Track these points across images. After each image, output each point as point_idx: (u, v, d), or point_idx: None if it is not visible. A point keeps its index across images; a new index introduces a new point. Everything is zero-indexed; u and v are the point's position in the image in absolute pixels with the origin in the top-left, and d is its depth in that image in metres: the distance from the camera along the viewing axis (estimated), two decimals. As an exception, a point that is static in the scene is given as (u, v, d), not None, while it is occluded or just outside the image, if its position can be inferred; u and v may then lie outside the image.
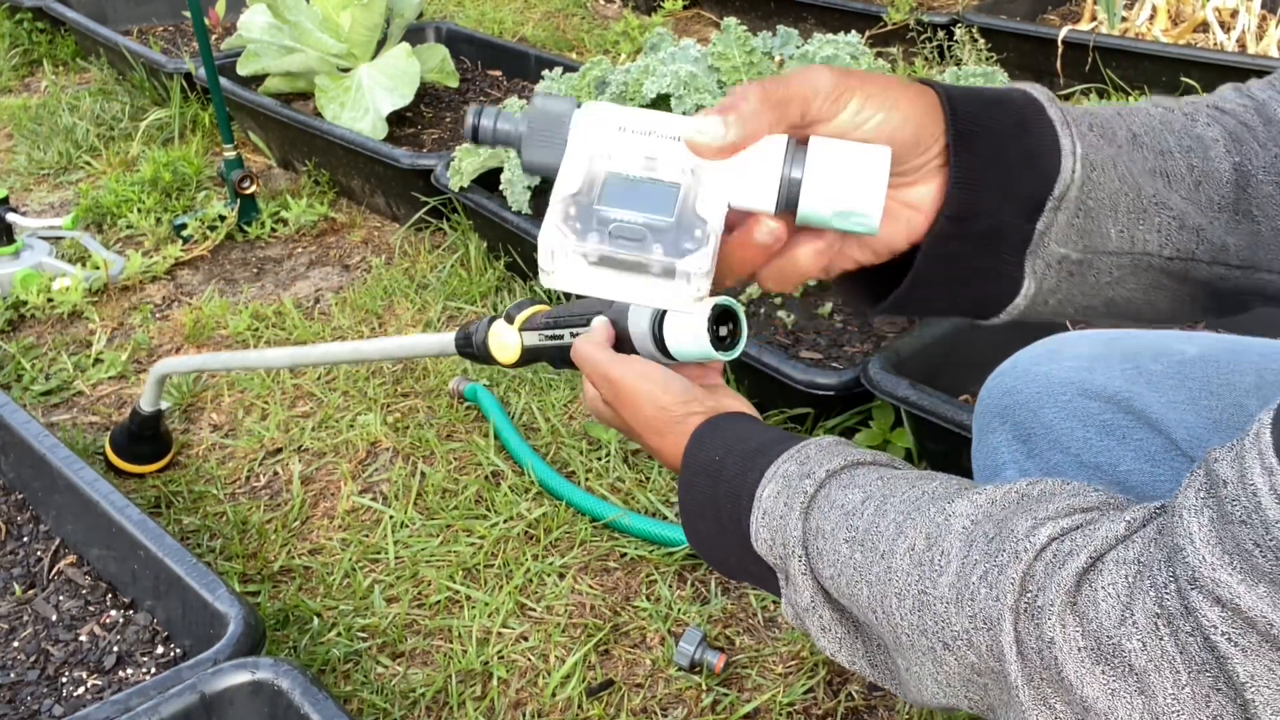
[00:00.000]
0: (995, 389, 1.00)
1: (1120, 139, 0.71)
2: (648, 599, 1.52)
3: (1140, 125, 0.73)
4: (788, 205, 0.66)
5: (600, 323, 0.89)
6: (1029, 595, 0.56)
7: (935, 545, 0.62)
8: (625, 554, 1.59)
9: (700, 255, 0.64)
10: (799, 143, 0.66)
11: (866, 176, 0.64)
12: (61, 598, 1.48)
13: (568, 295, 2.03)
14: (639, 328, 0.85)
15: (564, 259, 0.65)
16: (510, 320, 0.99)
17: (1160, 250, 0.72)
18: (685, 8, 3.94)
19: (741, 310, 0.81)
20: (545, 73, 2.32)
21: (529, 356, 0.97)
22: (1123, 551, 0.55)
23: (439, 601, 1.53)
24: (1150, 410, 0.90)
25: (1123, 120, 0.73)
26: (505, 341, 0.97)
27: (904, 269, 0.72)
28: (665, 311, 0.82)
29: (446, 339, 1.03)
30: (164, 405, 1.74)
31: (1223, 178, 0.73)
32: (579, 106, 0.69)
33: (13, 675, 1.37)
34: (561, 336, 0.93)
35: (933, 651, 0.61)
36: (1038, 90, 0.71)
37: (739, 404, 0.83)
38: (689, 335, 0.81)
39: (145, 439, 1.76)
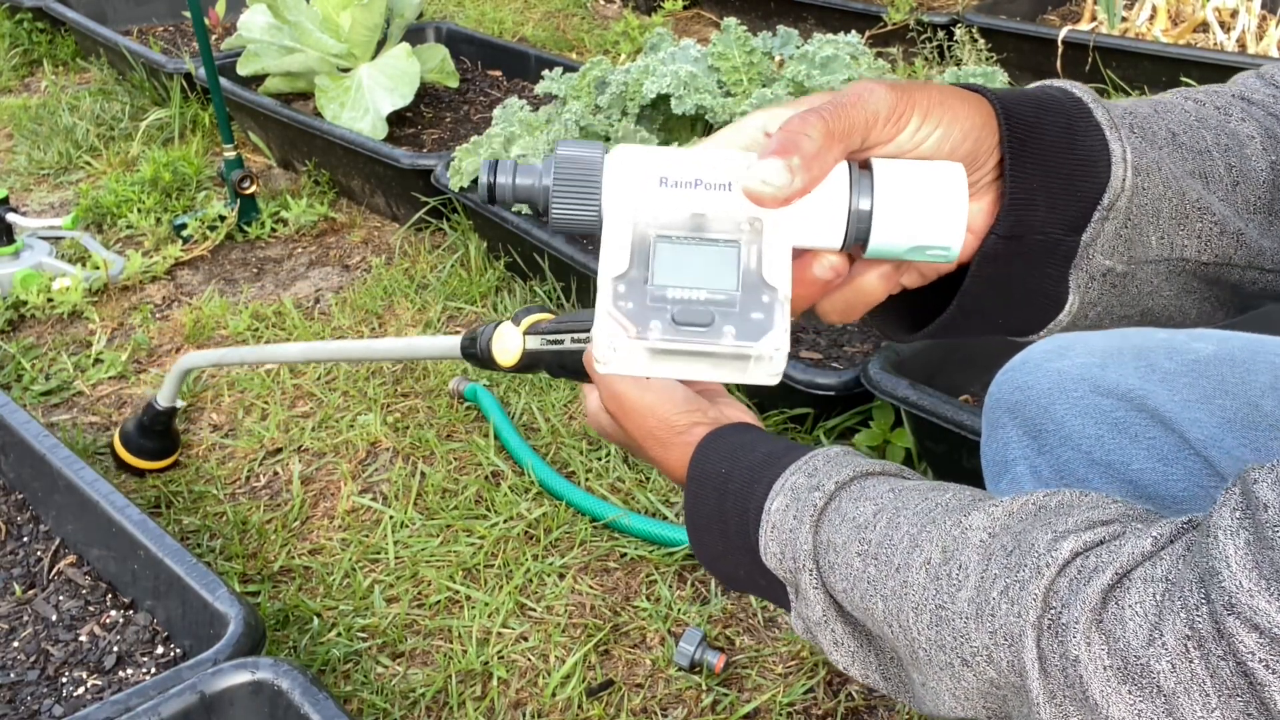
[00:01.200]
0: (1006, 384, 0.98)
1: (1160, 139, 0.68)
2: (648, 599, 1.52)
3: (1177, 123, 0.70)
4: (856, 240, 0.60)
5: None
6: (1053, 611, 0.54)
7: (952, 559, 0.59)
8: (625, 554, 1.59)
9: (775, 333, 0.58)
10: (861, 166, 0.61)
11: (944, 202, 0.59)
12: (61, 598, 1.48)
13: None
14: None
15: (625, 353, 0.59)
16: (516, 323, 0.95)
17: (1198, 256, 0.69)
18: (685, 8, 3.94)
19: None
20: (545, 73, 2.32)
21: (529, 360, 0.94)
22: (1150, 569, 0.53)
23: (439, 601, 1.54)
24: (1163, 408, 0.89)
25: (1160, 118, 0.69)
26: (507, 345, 0.94)
27: (944, 290, 0.68)
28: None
29: (453, 341, 1.01)
30: (179, 404, 1.74)
31: (1259, 177, 0.70)
32: (607, 152, 0.61)
33: (13, 675, 1.37)
34: (562, 341, 0.88)
35: (950, 666, 0.59)
36: (1080, 89, 0.67)
37: (741, 413, 0.77)
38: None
39: (155, 434, 1.76)
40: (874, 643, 0.67)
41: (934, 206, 0.59)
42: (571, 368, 0.86)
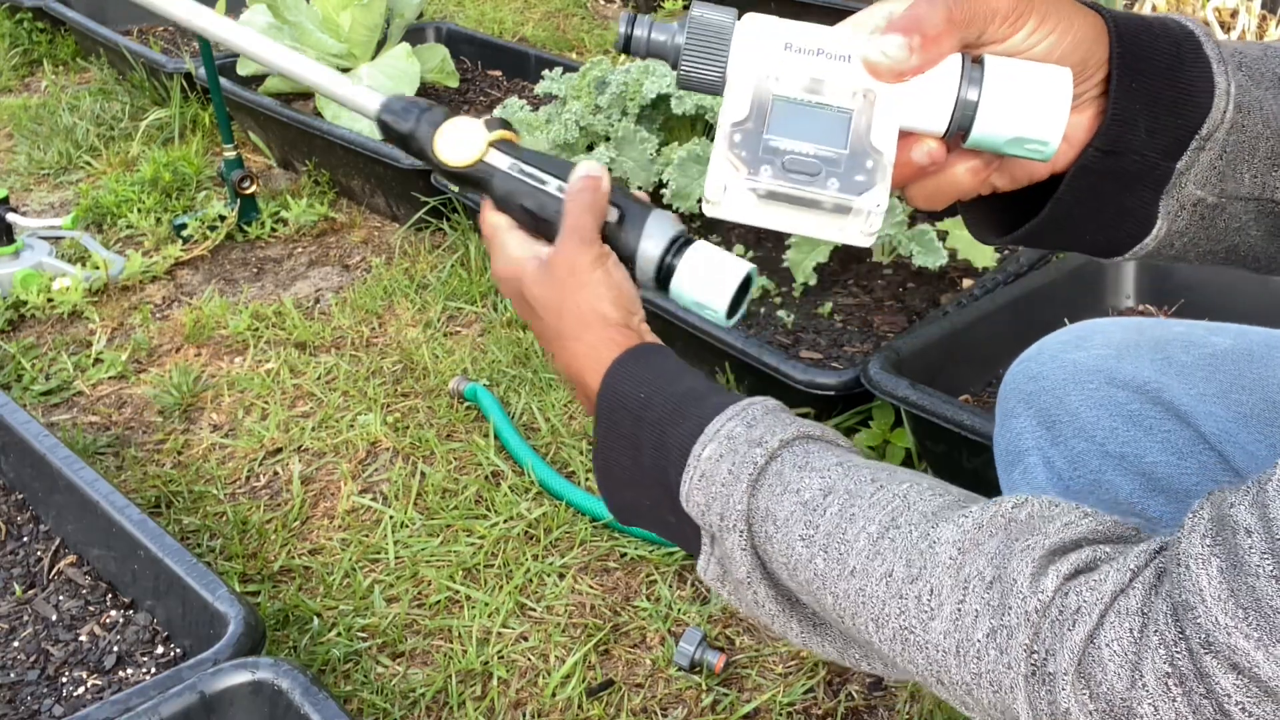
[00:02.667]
0: (1020, 374, 0.98)
1: (1266, 80, 0.68)
2: (648, 599, 1.52)
3: None
4: (959, 128, 0.63)
5: (594, 187, 0.76)
6: (1037, 657, 0.53)
7: (920, 578, 0.58)
8: (625, 554, 1.59)
9: (876, 191, 0.61)
10: (973, 60, 0.63)
11: (1049, 100, 0.61)
12: (61, 598, 1.48)
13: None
14: (647, 250, 0.76)
15: (734, 193, 0.62)
16: (489, 129, 0.83)
17: None
18: (685, 8, 3.94)
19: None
20: (545, 72, 2.32)
21: (479, 175, 0.81)
22: (1125, 601, 0.52)
23: (439, 601, 1.54)
24: (1179, 402, 0.88)
25: (1269, 60, 0.69)
26: (463, 143, 0.81)
27: (1036, 199, 0.69)
28: (687, 242, 0.75)
29: (373, 98, 0.84)
30: None
31: None
32: (739, 18, 0.65)
33: (13, 675, 1.37)
34: (546, 184, 0.78)
35: (922, 677, 0.59)
36: (1193, 23, 0.68)
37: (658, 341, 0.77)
38: (708, 287, 0.74)
39: None
40: (800, 608, 0.67)
41: (1038, 101, 0.61)
42: (535, 213, 0.79)
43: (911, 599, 0.58)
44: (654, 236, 0.76)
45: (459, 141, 0.81)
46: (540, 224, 0.78)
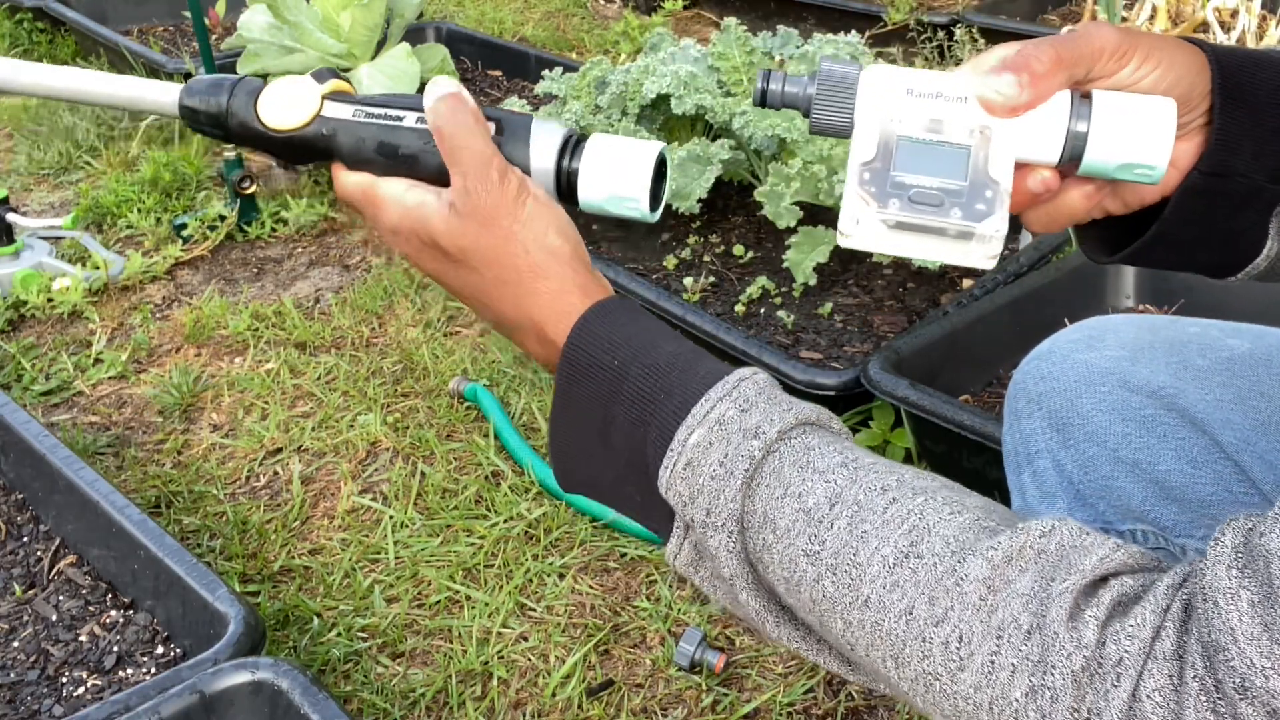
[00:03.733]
0: (1031, 374, 0.96)
1: None
2: (648, 599, 1.52)
3: None
4: (1071, 158, 0.67)
5: (460, 103, 0.69)
6: (1079, 717, 0.51)
7: (946, 621, 0.54)
8: (625, 554, 1.59)
9: (996, 218, 0.65)
10: (1082, 95, 0.67)
11: (1154, 128, 0.66)
12: (61, 598, 1.48)
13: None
14: (541, 161, 0.71)
15: (866, 224, 0.67)
16: (319, 80, 0.75)
17: None
18: (685, 8, 3.94)
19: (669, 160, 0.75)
20: (545, 73, 2.32)
21: (319, 139, 0.72)
22: (1160, 645, 0.50)
23: (439, 601, 1.53)
24: (1194, 409, 0.87)
25: None
26: (293, 102, 0.72)
27: (1147, 221, 0.72)
28: (583, 139, 0.72)
29: (170, 87, 0.75)
30: None
31: None
32: (862, 69, 0.70)
33: (13, 675, 1.37)
34: (402, 119, 0.71)
35: (941, 713, 0.56)
36: None
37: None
38: (621, 179, 0.71)
39: None
40: (794, 616, 0.63)
41: (1144, 128, 0.66)
42: (400, 153, 0.71)
43: (938, 644, 0.54)
44: (543, 144, 0.71)
45: (288, 101, 0.72)
46: (411, 167, 0.72)
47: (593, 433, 0.66)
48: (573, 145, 0.72)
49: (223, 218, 2.45)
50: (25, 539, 1.58)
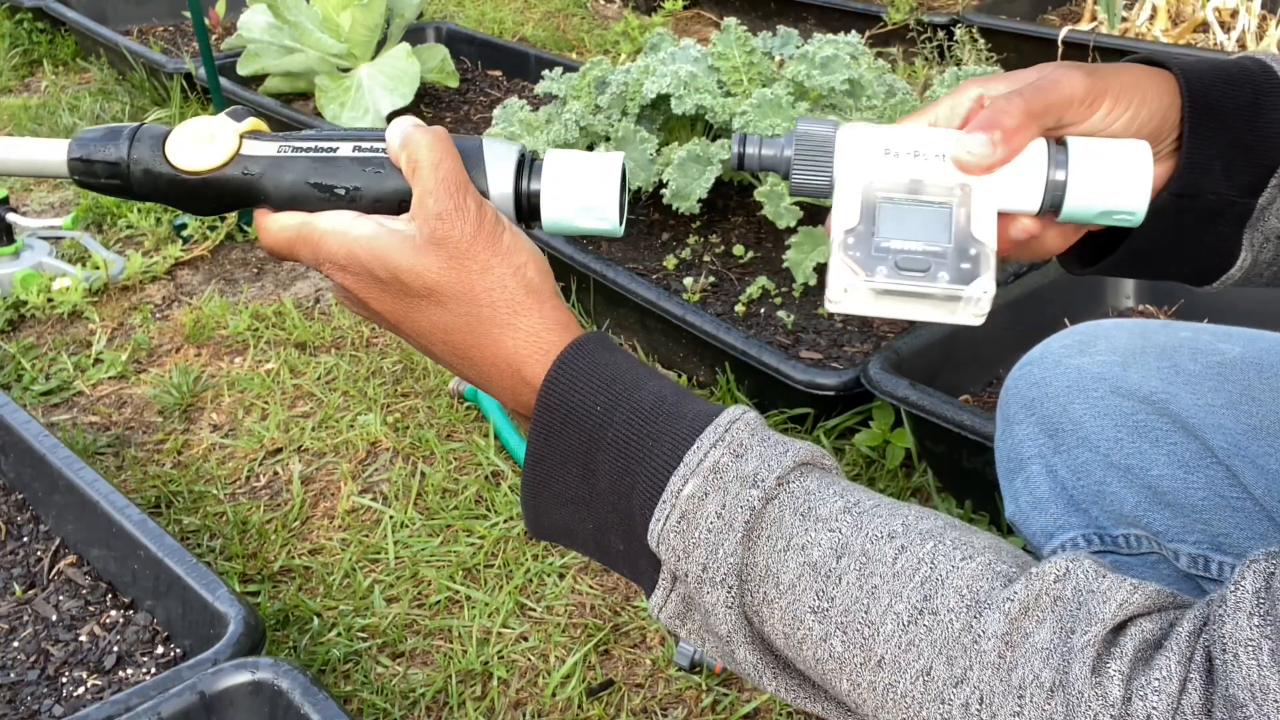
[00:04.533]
0: (1023, 379, 0.96)
1: None
2: (646, 598, 1.52)
3: None
4: (1051, 206, 0.68)
5: (422, 127, 0.65)
6: None
7: (965, 681, 0.52)
8: (625, 554, 1.59)
9: (984, 279, 0.65)
10: (1057, 143, 0.68)
11: (1131, 174, 0.66)
12: (61, 598, 1.48)
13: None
14: (499, 185, 0.67)
15: (855, 293, 0.66)
16: (236, 119, 0.69)
17: None
18: (685, 8, 3.94)
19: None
20: (545, 72, 2.32)
21: (239, 180, 0.66)
22: (1187, 700, 0.48)
23: (439, 601, 1.54)
24: (1186, 413, 0.87)
25: None
26: (210, 136, 0.66)
27: (1121, 233, 0.73)
28: (536, 156, 0.69)
29: (58, 144, 0.69)
30: None
31: None
32: (838, 128, 0.69)
33: (13, 675, 1.37)
34: (335, 149, 0.66)
35: None
36: (1276, 61, 0.71)
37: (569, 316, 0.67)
38: (586, 197, 0.67)
39: None
40: (790, 668, 0.61)
41: (1121, 175, 0.66)
42: (337, 191, 0.66)
43: (957, 706, 0.52)
44: (499, 166, 0.67)
45: (201, 140, 0.67)
46: (352, 202, 0.67)
47: (573, 479, 0.62)
48: (529, 165, 0.68)
49: (222, 218, 2.45)
50: (25, 539, 1.58)
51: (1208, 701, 0.48)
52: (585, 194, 0.67)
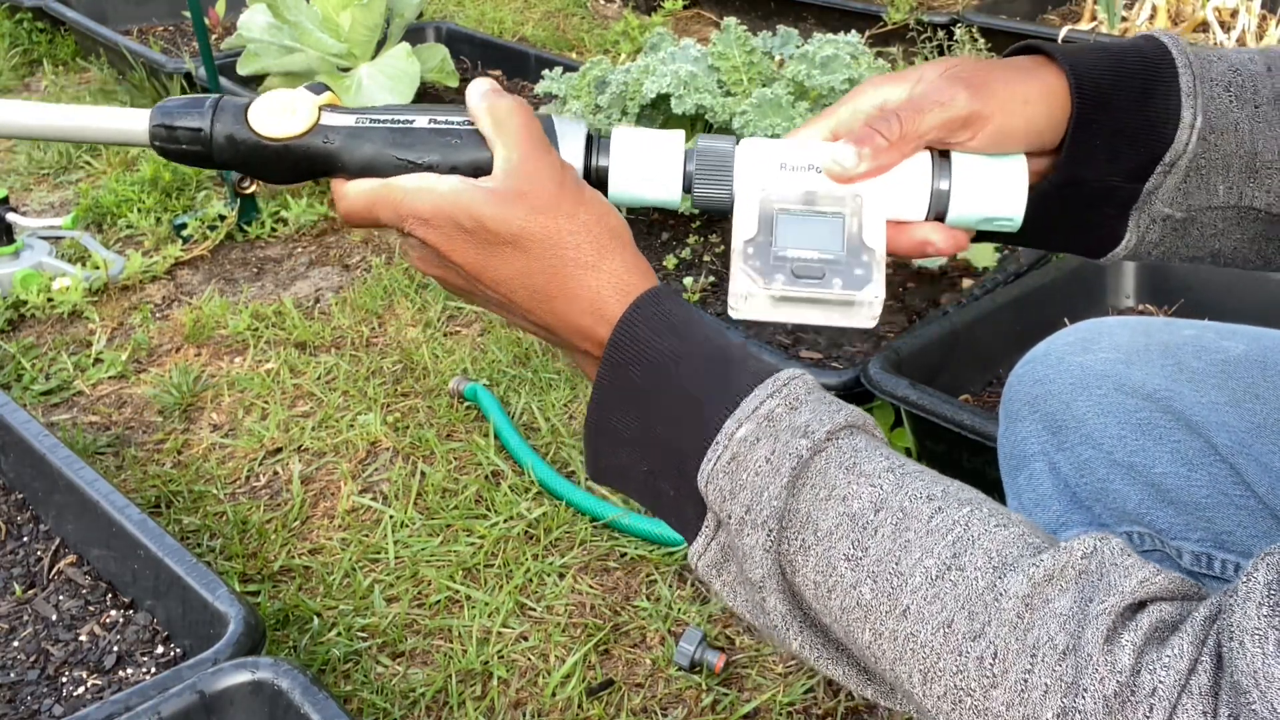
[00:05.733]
0: (1026, 376, 0.96)
1: (1261, 98, 0.72)
2: (648, 599, 1.52)
3: None
4: (936, 214, 0.72)
5: (500, 90, 0.70)
6: None
7: (982, 635, 0.53)
8: (625, 554, 1.59)
9: (874, 284, 0.69)
10: (941, 154, 0.72)
11: (1008, 186, 0.71)
12: (61, 598, 1.48)
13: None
14: (570, 155, 0.71)
15: (754, 300, 0.70)
16: (315, 93, 0.72)
17: (1269, 207, 0.73)
18: (685, 8, 3.93)
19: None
20: (545, 72, 2.32)
21: (317, 149, 0.69)
22: (1196, 680, 0.49)
23: (439, 601, 1.53)
24: (1190, 411, 0.87)
25: (1271, 78, 0.73)
26: (291, 107, 0.69)
27: None
28: (603, 137, 0.73)
29: (140, 113, 0.72)
30: None
31: None
32: (738, 143, 0.72)
33: (13, 675, 1.37)
34: (411, 121, 0.70)
35: None
36: (1178, 47, 0.72)
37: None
38: (653, 173, 0.72)
39: None
40: (813, 624, 0.62)
41: (999, 189, 0.71)
42: (414, 162, 0.69)
43: (972, 658, 0.53)
44: (570, 142, 0.72)
45: (283, 110, 0.69)
46: (430, 170, 0.69)
47: (633, 420, 0.64)
48: (597, 141, 0.73)
49: (223, 217, 2.45)
50: (25, 539, 1.58)
51: (1215, 685, 0.48)
52: (650, 167, 0.72)
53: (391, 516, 1.68)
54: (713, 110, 2.02)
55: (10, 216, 2.22)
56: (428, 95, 2.96)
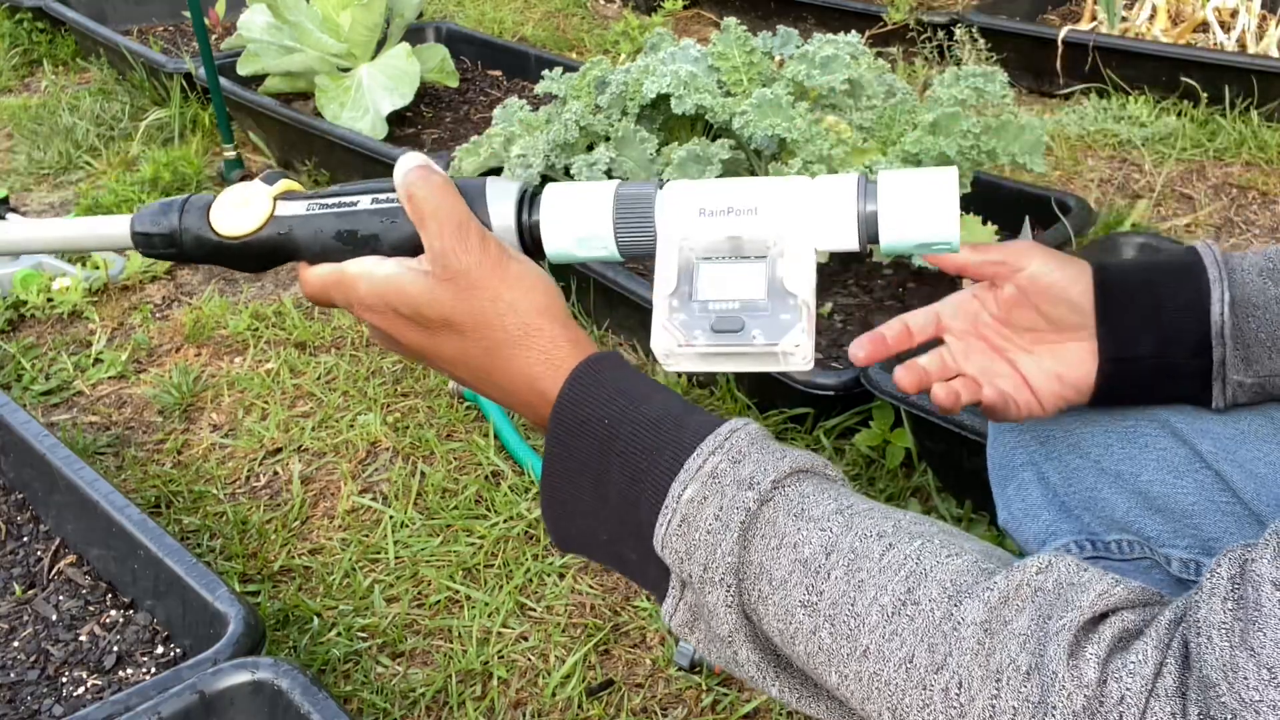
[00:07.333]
0: None
1: None
2: (648, 599, 1.52)
3: None
4: (869, 239, 0.68)
5: (429, 169, 0.70)
6: None
7: (945, 667, 0.53)
8: (625, 554, 1.59)
9: (797, 330, 0.66)
10: (869, 180, 0.69)
11: (939, 202, 0.66)
12: (61, 598, 1.48)
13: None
14: (501, 218, 0.71)
15: (677, 356, 0.68)
16: (269, 183, 0.75)
17: None
18: (685, 8, 3.94)
19: None
20: (545, 72, 2.32)
21: (276, 240, 0.72)
22: (1162, 682, 0.49)
23: (439, 601, 1.54)
24: (1174, 419, 0.87)
25: None
26: (246, 201, 0.72)
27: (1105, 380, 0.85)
28: (535, 193, 0.72)
29: (120, 220, 0.75)
30: None
31: None
32: (660, 188, 0.70)
33: (13, 675, 1.37)
34: (355, 203, 0.71)
35: None
36: (1204, 246, 0.83)
37: (583, 335, 0.71)
38: (586, 224, 0.70)
39: None
40: (789, 668, 0.62)
41: (930, 206, 0.66)
42: (360, 240, 0.70)
43: (937, 691, 0.53)
44: (500, 203, 0.71)
45: (239, 207, 0.72)
46: (374, 248, 0.71)
47: (586, 491, 0.65)
48: (529, 199, 0.72)
49: (223, 218, 2.45)
50: (25, 539, 1.58)
51: (1182, 684, 0.49)
52: (581, 225, 0.70)
53: (391, 516, 1.68)
54: (713, 110, 2.02)
55: (10, 216, 2.22)
56: (428, 95, 2.96)
